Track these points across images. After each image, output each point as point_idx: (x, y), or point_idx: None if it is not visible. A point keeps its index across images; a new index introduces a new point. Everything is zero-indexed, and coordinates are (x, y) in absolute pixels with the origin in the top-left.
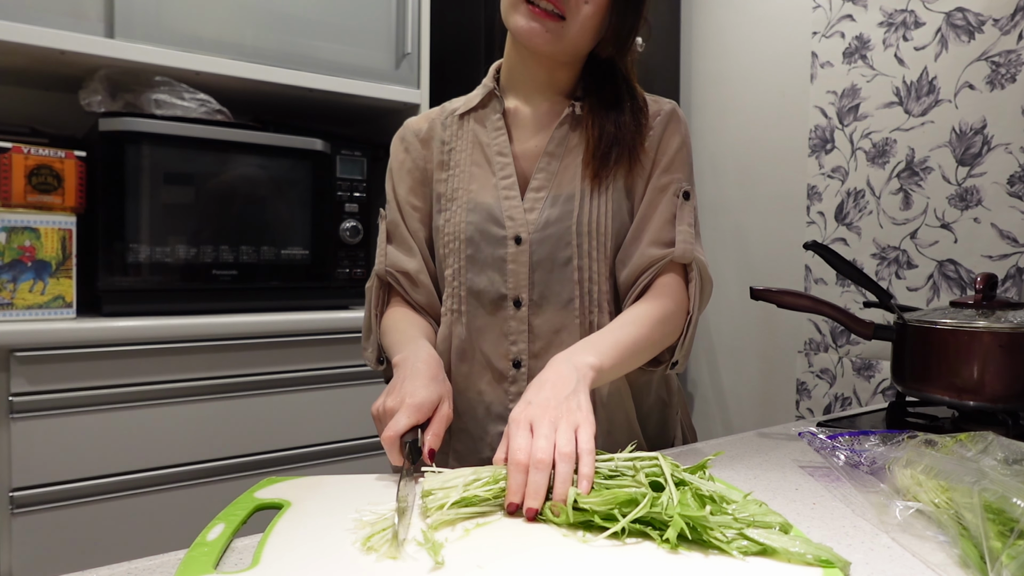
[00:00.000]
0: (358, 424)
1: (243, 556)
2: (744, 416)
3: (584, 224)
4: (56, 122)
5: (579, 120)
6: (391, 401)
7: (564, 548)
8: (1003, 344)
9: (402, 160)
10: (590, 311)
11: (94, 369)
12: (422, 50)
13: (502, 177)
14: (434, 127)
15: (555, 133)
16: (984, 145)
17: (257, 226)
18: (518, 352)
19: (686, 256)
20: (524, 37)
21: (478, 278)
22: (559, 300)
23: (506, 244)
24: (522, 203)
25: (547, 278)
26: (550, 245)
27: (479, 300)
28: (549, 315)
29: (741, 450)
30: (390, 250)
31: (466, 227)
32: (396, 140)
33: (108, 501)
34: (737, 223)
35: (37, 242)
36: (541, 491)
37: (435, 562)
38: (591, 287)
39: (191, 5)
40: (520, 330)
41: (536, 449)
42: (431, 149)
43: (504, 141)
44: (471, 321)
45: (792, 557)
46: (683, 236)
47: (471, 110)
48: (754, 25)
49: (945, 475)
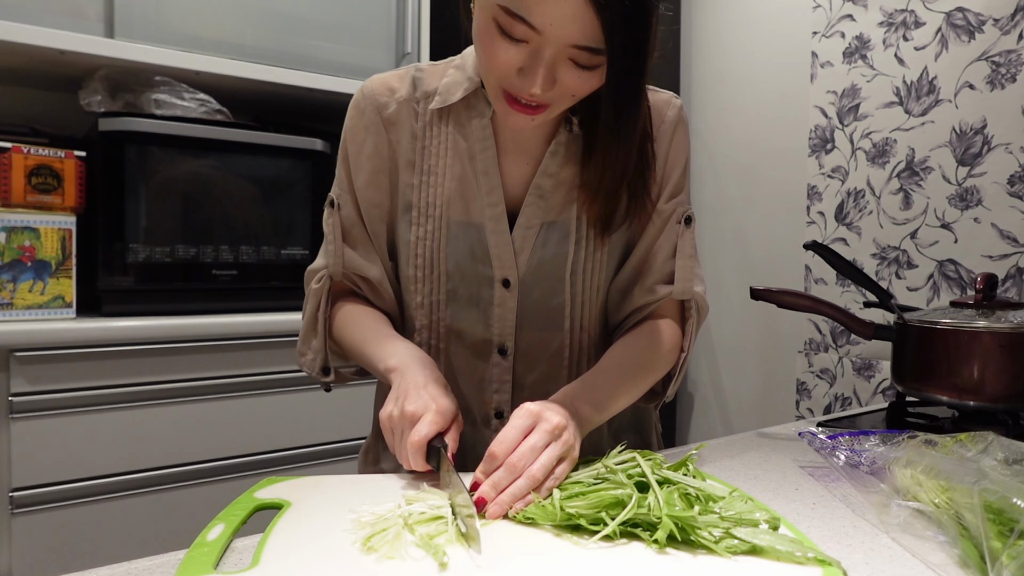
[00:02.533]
0: (358, 424)
1: (243, 556)
2: (744, 416)
3: (580, 270)
4: (56, 122)
5: (576, 140)
6: (412, 406)
7: (559, 549)
8: (1003, 344)
9: (360, 142)
10: (579, 362)
11: (94, 369)
12: (422, 50)
13: (489, 204)
14: (403, 111)
15: (548, 161)
16: (984, 145)
17: (257, 226)
18: (500, 402)
19: (684, 294)
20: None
21: (459, 317)
22: (548, 350)
23: (492, 286)
24: (511, 239)
25: (536, 326)
26: (541, 290)
27: (461, 341)
28: (536, 366)
29: (741, 450)
30: (348, 252)
31: (446, 259)
32: (353, 109)
33: (108, 501)
34: (737, 223)
35: (37, 242)
36: (499, 488)
37: (439, 563)
38: (582, 336)
39: (191, 5)
40: (504, 379)
41: (518, 452)
42: (397, 135)
43: (492, 158)
44: (452, 361)
45: (781, 556)
46: (682, 273)
47: (450, 106)
48: (754, 25)
49: (945, 475)
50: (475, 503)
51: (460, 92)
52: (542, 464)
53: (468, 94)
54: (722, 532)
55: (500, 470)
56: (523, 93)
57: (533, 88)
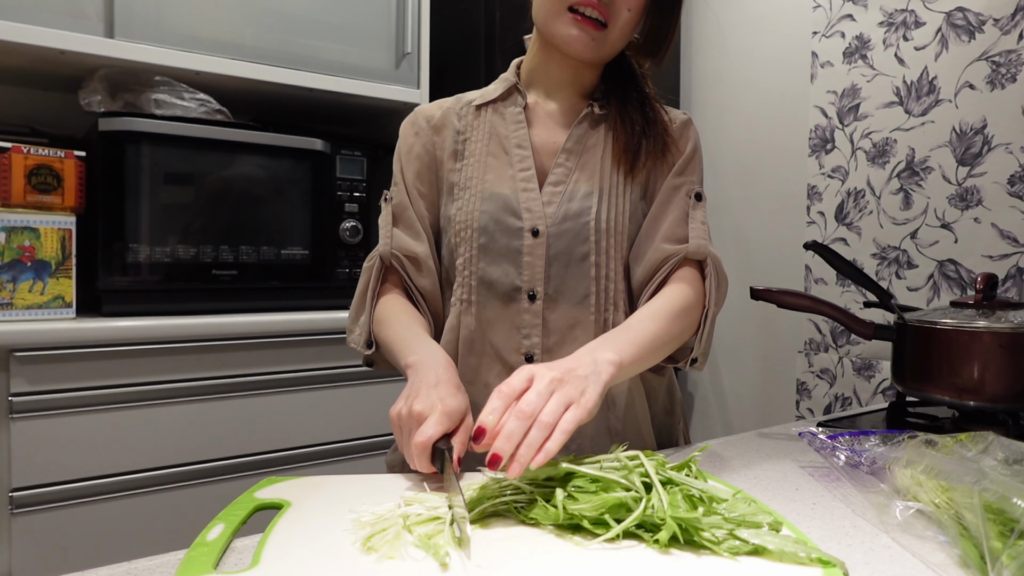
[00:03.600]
0: (358, 424)
1: (243, 556)
2: (744, 416)
3: (603, 221)
4: (56, 122)
5: (598, 120)
6: (419, 405)
7: (561, 550)
8: (1003, 344)
9: (411, 144)
10: (605, 308)
11: (94, 369)
12: (422, 50)
13: (521, 169)
14: (448, 116)
15: (574, 130)
16: (984, 145)
17: (257, 226)
18: (531, 346)
19: (700, 251)
20: (568, 46)
21: (491, 268)
22: (575, 295)
23: (522, 236)
24: (540, 196)
25: (563, 273)
26: (568, 240)
27: (491, 291)
28: (564, 310)
29: (741, 450)
30: (396, 232)
31: (479, 216)
32: (406, 123)
33: (108, 501)
34: (737, 223)
35: (37, 242)
36: (513, 439)
37: (439, 563)
38: (607, 284)
39: (191, 5)
40: (534, 324)
41: (524, 399)
42: (443, 136)
43: (524, 134)
44: (481, 312)
45: (784, 557)
46: (696, 233)
47: (489, 102)
48: (754, 25)
49: (945, 475)
50: (489, 459)
51: (499, 90)
52: (551, 410)
53: (506, 90)
54: (725, 533)
55: (510, 419)
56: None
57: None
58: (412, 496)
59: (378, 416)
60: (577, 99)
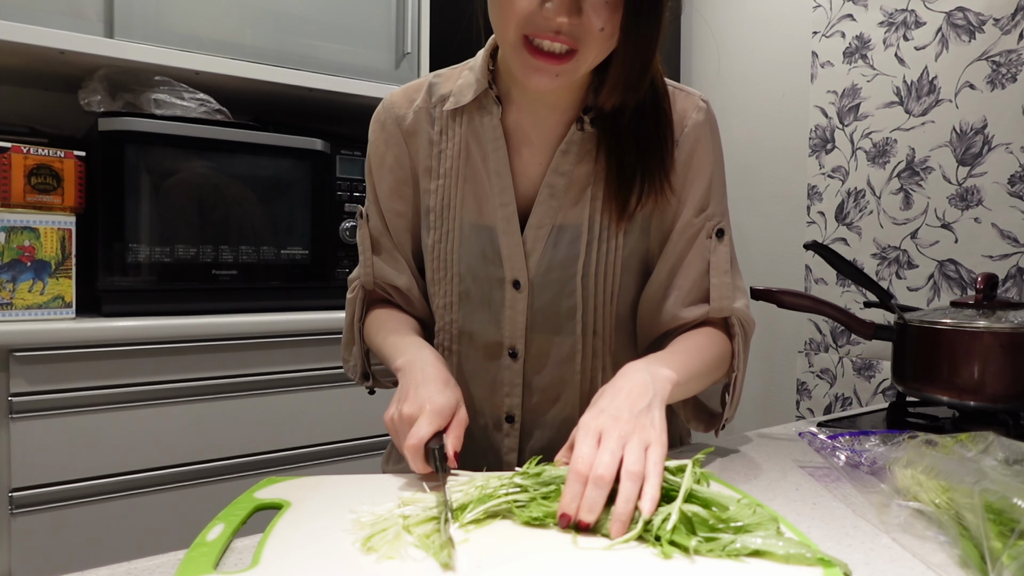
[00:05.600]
0: (358, 424)
1: (243, 556)
2: (744, 416)
3: (592, 273)
4: (56, 122)
5: (589, 139)
6: (408, 408)
7: (561, 550)
8: (1004, 344)
9: (382, 155)
10: (592, 368)
11: (93, 369)
12: (422, 50)
13: (500, 204)
14: (420, 119)
15: (560, 157)
16: (985, 145)
17: (257, 226)
18: (512, 406)
19: (723, 312)
20: (527, 83)
21: (471, 319)
22: (559, 355)
23: (503, 288)
24: (522, 240)
25: (547, 330)
26: (552, 292)
27: (472, 343)
28: (547, 370)
29: (741, 450)
30: (376, 262)
31: (458, 260)
32: (374, 124)
33: (108, 501)
34: (737, 223)
35: (36, 242)
36: (597, 507)
37: (440, 564)
38: (595, 342)
39: (191, 5)
40: (514, 383)
41: (599, 463)
42: (416, 145)
43: (503, 157)
44: (463, 363)
45: (791, 559)
46: (719, 292)
47: (463, 107)
48: (754, 25)
49: (946, 475)
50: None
51: (471, 93)
52: (634, 460)
53: (479, 94)
54: (728, 540)
55: (589, 489)
56: (548, 30)
57: (560, 16)
58: (409, 496)
59: (377, 416)
60: (566, 106)
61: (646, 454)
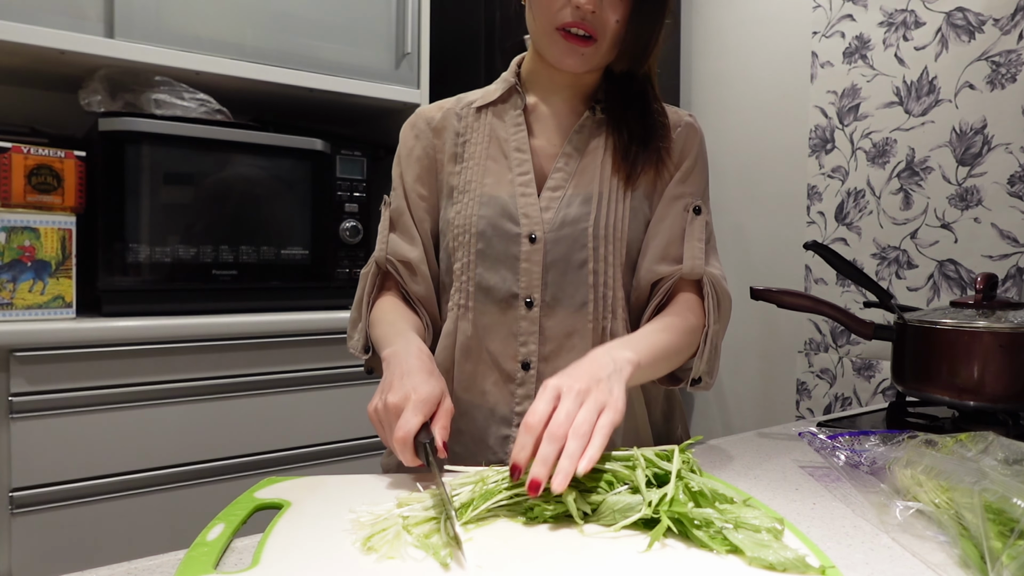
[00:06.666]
0: (358, 424)
1: (243, 556)
2: (744, 416)
3: (601, 227)
4: (56, 122)
5: (598, 123)
6: (393, 398)
7: (561, 549)
8: (1003, 344)
9: (411, 147)
10: (603, 316)
11: (94, 369)
12: (422, 50)
13: (519, 173)
14: (448, 117)
15: (574, 136)
16: (984, 145)
17: (257, 226)
18: (528, 353)
19: (694, 272)
20: (559, 64)
21: (488, 274)
22: (572, 303)
23: (520, 242)
24: (538, 201)
25: (561, 279)
26: (565, 246)
27: (488, 297)
28: (561, 317)
29: (741, 450)
30: (392, 238)
31: (478, 220)
32: (407, 126)
33: (108, 501)
34: (737, 223)
35: (37, 242)
36: (548, 462)
37: (440, 563)
38: (605, 291)
39: (191, 5)
40: (531, 331)
41: (553, 420)
42: (443, 139)
43: (523, 137)
44: (478, 318)
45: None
46: (692, 252)
47: (489, 104)
48: (754, 25)
49: (945, 475)
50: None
51: (499, 91)
52: (584, 419)
53: (505, 91)
54: (721, 526)
55: (543, 444)
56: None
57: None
58: (407, 497)
59: None
60: (578, 102)
61: (598, 418)
